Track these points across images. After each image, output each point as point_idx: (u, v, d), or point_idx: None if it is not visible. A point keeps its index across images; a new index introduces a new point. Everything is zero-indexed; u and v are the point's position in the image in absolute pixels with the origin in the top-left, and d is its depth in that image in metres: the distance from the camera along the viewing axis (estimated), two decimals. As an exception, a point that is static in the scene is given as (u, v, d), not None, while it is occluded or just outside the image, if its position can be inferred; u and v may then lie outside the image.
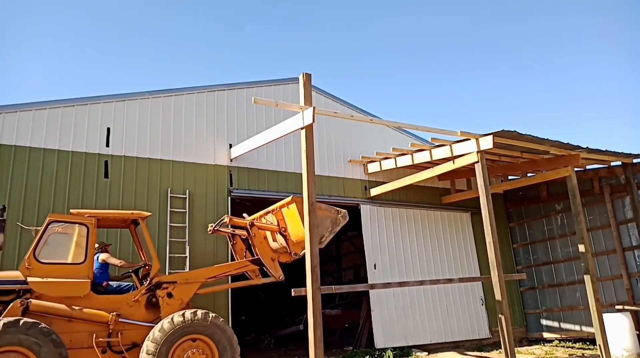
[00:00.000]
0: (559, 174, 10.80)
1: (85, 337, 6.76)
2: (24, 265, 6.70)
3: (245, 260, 8.60)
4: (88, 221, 7.14)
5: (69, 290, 6.79)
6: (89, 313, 6.82)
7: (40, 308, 6.50)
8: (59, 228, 7.03)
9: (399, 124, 9.38)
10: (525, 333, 14.02)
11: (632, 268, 11.93)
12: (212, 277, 8.13)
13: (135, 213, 7.84)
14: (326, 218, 8.32)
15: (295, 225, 8.11)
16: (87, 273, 7.00)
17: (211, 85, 11.09)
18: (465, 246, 13.67)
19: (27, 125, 8.96)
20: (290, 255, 8.49)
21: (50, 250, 6.96)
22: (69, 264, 6.96)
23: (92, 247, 7.13)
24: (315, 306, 6.97)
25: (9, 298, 6.53)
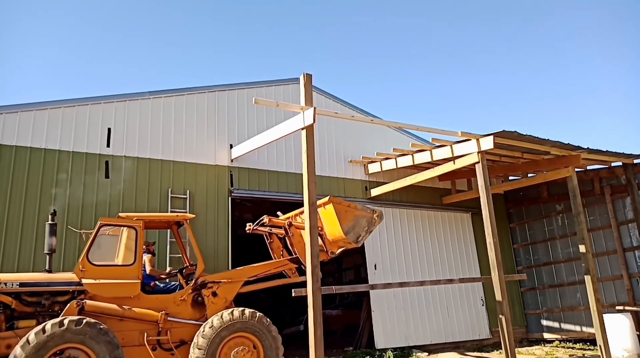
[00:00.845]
0: (560, 174, 10.80)
1: (136, 335, 7.02)
2: (78, 267, 6.99)
3: (285, 259, 8.75)
4: (136, 224, 7.42)
5: (121, 291, 7.08)
6: (140, 312, 7.09)
7: (94, 308, 6.78)
8: (109, 231, 7.35)
9: (400, 125, 9.38)
10: (526, 334, 14.02)
11: (633, 268, 11.93)
12: (253, 276, 8.34)
13: (180, 215, 8.10)
14: (362, 218, 8.50)
15: (332, 224, 8.26)
16: (137, 274, 7.28)
17: (212, 85, 11.09)
18: (466, 246, 13.68)
19: (28, 125, 8.97)
20: (326, 253, 8.64)
21: (101, 252, 7.29)
22: (119, 266, 7.26)
23: (140, 249, 7.39)
24: (315, 307, 6.98)
25: (65, 298, 6.83)
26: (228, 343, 7.07)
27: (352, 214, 8.36)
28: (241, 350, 7.11)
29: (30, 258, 8.42)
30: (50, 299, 6.79)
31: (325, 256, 8.73)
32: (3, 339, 6.30)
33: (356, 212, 8.40)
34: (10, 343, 6.25)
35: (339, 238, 8.26)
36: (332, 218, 8.23)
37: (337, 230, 8.21)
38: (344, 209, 8.29)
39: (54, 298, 6.81)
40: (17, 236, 8.40)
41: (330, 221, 8.30)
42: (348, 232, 8.22)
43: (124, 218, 7.53)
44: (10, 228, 8.39)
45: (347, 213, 8.31)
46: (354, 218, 8.33)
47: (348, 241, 8.33)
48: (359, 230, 8.40)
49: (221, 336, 7.00)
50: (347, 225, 8.23)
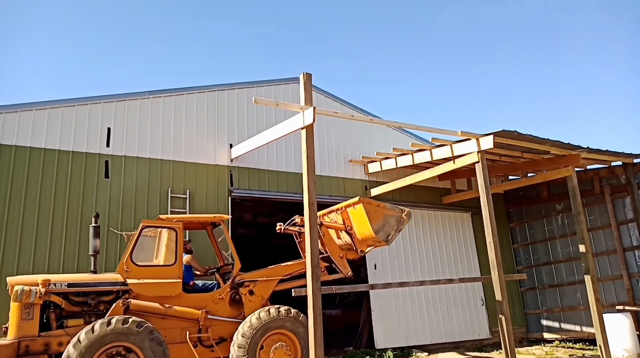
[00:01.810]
0: (560, 174, 10.80)
1: (177, 333, 7.26)
2: (122, 267, 7.21)
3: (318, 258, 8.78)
4: (176, 225, 7.64)
5: (164, 290, 7.32)
6: (182, 311, 7.33)
7: (139, 307, 7.02)
8: (150, 233, 7.62)
9: (400, 124, 9.37)
10: (526, 334, 14.01)
11: (633, 268, 11.93)
12: (288, 274, 8.58)
13: (217, 216, 8.28)
14: (391, 217, 8.63)
15: (362, 224, 8.41)
16: (178, 273, 7.50)
17: (211, 85, 11.08)
18: (466, 246, 13.67)
19: (28, 125, 8.96)
20: (356, 252, 8.82)
21: (143, 253, 7.58)
22: (161, 266, 7.50)
23: (181, 249, 7.60)
24: (315, 306, 6.98)
25: (109, 298, 7.10)
26: (267, 341, 7.33)
27: (381, 214, 8.51)
28: (279, 346, 7.38)
29: (30, 260, 8.43)
30: (96, 299, 7.05)
31: (355, 255, 8.94)
32: (55, 337, 6.55)
33: (385, 211, 8.56)
34: (62, 341, 6.52)
35: (369, 237, 8.44)
36: (362, 218, 8.39)
37: (367, 229, 8.36)
38: (373, 209, 8.43)
39: (100, 298, 7.07)
40: (17, 236, 8.40)
41: (360, 221, 8.45)
42: (378, 231, 8.37)
43: (164, 219, 7.77)
44: (10, 229, 8.39)
45: (377, 212, 8.46)
46: (384, 217, 8.49)
47: (378, 240, 8.50)
48: (388, 228, 8.56)
49: (260, 334, 7.25)
50: (377, 224, 8.38)
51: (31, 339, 6.38)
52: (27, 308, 6.46)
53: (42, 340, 6.45)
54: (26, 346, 6.31)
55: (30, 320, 6.43)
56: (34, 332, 6.44)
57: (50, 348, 6.46)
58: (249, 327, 7.26)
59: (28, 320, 6.42)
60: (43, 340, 6.46)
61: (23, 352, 6.27)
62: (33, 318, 6.46)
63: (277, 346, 7.37)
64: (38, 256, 8.47)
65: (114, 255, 9.01)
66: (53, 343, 6.49)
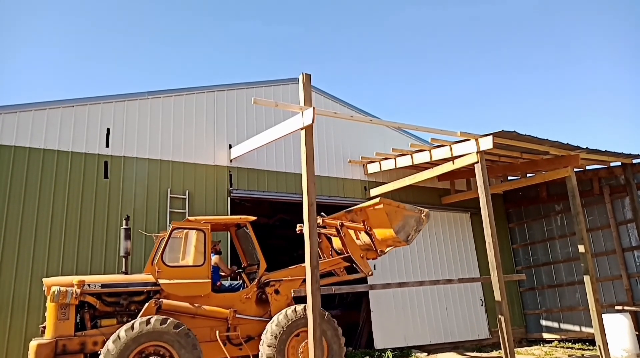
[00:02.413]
0: (559, 174, 10.80)
1: (206, 332, 7.37)
2: (154, 268, 7.34)
3: (339, 258, 8.99)
4: (204, 226, 7.76)
5: (194, 290, 7.45)
6: (211, 310, 7.47)
7: (170, 307, 7.16)
8: (179, 234, 7.80)
9: (399, 125, 9.37)
10: (525, 334, 14.02)
11: (632, 268, 11.94)
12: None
13: (243, 217, 8.37)
14: (411, 218, 8.75)
15: (382, 225, 8.55)
16: (207, 274, 7.64)
17: (211, 85, 11.09)
18: (465, 246, 13.68)
19: (27, 126, 8.96)
20: (376, 252, 8.96)
21: (173, 254, 7.77)
22: (191, 266, 7.61)
23: (209, 250, 7.75)
24: (314, 307, 6.97)
25: (140, 298, 7.25)
26: (294, 339, 7.44)
27: (401, 215, 8.62)
28: (307, 344, 7.36)
29: (30, 260, 8.42)
30: (128, 299, 7.19)
31: (375, 255, 9.07)
32: (90, 337, 6.72)
33: (405, 212, 8.66)
34: (97, 341, 6.69)
35: (389, 237, 8.57)
36: (382, 218, 8.49)
37: (387, 230, 8.49)
38: (393, 210, 8.53)
39: (131, 298, 7.21)
40: (16, 236, 8.39)
41: (380, 221, 8.56)
42: (398, 231, 8.48)
43: (193, 221, 7.92)
44: (10, 228, 8.38)
45: (397, 213, 8.57)
46: (403, 217, 8.60)
47: (398, 240, 8.60)
48: (408, 229, 8.68)
49: (288, 332, 7.37)
50: (397, 225, 8.49)
51: (67, 338, 6.57)
52: (63, 308, 6.64)
53: (77, 340, 6.63)
54: (63, 345, 6.50)
55: (66, 320, 6.62)
56: (70, 331, 6.62)
57: (85, 348, 6.64)
58: (277, 325, 7.40)
59: (64, 320, 6.61)
60: (79, 340, 6.64)
61: (60, 351, 6.46)
62: (69, 318, 6.64)
63: (305, 344, 7.44)
64: (37, 256, 8.46)
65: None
66: (88, 343, 6.67)
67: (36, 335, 7.78)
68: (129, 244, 7.77)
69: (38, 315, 8.18)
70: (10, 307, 8.08)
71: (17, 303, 8.15)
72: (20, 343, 7.99)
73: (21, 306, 8.16)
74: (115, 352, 6.20)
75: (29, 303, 8.23)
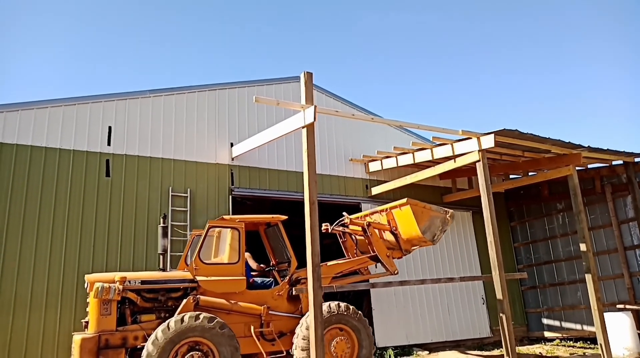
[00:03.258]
0: (561, 173, 10.78)
1: (241, 328, 7.58)
2: (192, 265, 7.58)
3: (365, 256, 9.17)
4: (239, 225, 8.00)
5: (230, 287, 7.70)
6: (246, 306, 7.71)
7: (207, 303, 7.38)
8: (212, 233, 8.01)
9: (401, 123, 9.36)
10: (527, 332, 14.02)
11: (634, 267, 11.92)
12: (339, 272, 8.93)
13: (275, 217, 8.57)
14: (437, 218, 8.93)
15: (408, 225, 8.72)
16: (242, 271, 7.86)
17: (213, 84, 11.09)
18: (467, 245, 13.67)
19: (29, 124, 8.97)
20: (401, 251, 9.16)
21: (208, 252, 7.99)
22: (226, 264, 7.83)
23: (243, 248, 7.96)
24: (316, 305, 6.98)
25: (177, 295, 7.46)
26: (326, 335, 7.61)
27: (427, 215, 8.79)
28: (340, 340, 7.72)
29: (32, 261, 8.44)
30: (166, 295, 7.40)
31: (400, 254, 9.26)
32: (130, 331, 6.94)
33: (431, 213, 8.83)
34: (137, 335, 6.92)
35: (415, 237, 8.75)
36: (408, 219, 8.64)
37: (413, 230, 8.65)
38: (420, 210, 8.70)
39: (169, 295, 7.42)
40: (18, 234, 8.41)
41: (407, 222, 8.71)
42: (425, 231, 8.66)
43: (228, 220, 8.10)
44: (12, 227, 8.40)
45: (423, 213, 8.75)
46: (430, 218, 8.77)
47: (424, 240, 8.79)
48: (434, 229, 8.86)
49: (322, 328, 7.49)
50: (423, 225, 8.68)
51: (110, 333, 6.78)
52: (106, 304, 6.85)
53: (119, 334, 6.85)
54: (106, 340, 6.71)
55: (108, 315, 6.84)
56: (112, 326, 6.84)
57: (127, 342, 6.85)
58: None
59: (106, 315, 6.83)
60: (120, 335, 6.85)
61: (103, 345, 6.67)
62: (111, 313, 6.86)
63: (338, 340, 7.70)
64: (38, 254, 8.48)
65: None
66: (129, 337, 6.88)
67: (36, 330, 7.83)
68: (166, 242, 8.05)
69: (39, 313, 8.24)
70: (12, 306, 8.09)
71: (18, 301, 8.17)
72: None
73: (23, 304, 8.18)
74: (156, 353, 6.37)
75: (31, 302, 8.25)
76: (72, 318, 8.42)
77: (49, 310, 8.31)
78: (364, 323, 8.05)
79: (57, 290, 8.46)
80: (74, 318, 8.42)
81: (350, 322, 7.92)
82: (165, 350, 6.43)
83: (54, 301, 8.39)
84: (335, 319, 7.75)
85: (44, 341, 8.15)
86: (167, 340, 6.47)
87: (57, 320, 8.32)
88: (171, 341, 6.49)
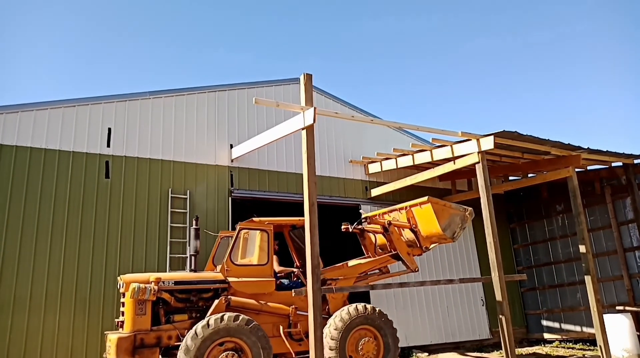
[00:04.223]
0: (560, 174, 10.78)
1: (269, 328, 7.74)
2: (223, 266, 7.75)
3: (387, 255, 9.27)
4: (268, 227, 8.17)
5: (260, 288, 7.89)
6: (275, 306, 7.91)
7: (238, 303, 7.54)
8: (246, 234, 8.12)
9: (400, 125, 9.38)
10: (526, 334, 14.00)
11: (633, 268, 11.92)
12: (363, 272, 9.11)
13: (301, 219, 8.42)
14: (456, 216, 9.05)
15: (429, 222, 8.81)
16: (270, 272, 8.06)
17: (212, 85, 11.09)
18: (466, 246, 13.66)
19: (29, 125, 8.96)
20: (420, 248, 9.24)
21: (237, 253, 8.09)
22: (256, 265, 8.00)
23: (272, 250, 8.12)
24: (315, 307, 6.98)
25: (208, 295, 7.63)
26: (354, 335, 7.85)
27: (447, 213, 8.89)
28: (367, 340, 7.91)
29: (31, 263, 8.43)
30: (197, 296, 7.56)
31: (419, 252, 9.37)
32: (164, 331, 7.12)
33: (451, 211, 8.95)
34: (171, 335, 7.11)
35: (435, 234, 8.86)
36: (429, 217, 8.76)
37: (434, 227, 8.76)
38: (440, 208, 8.81)
39: (200, 295, 7.58)
40: (18, 236, 8.40)
41: (427, 219, 8.81)
42: (445, 229, 8.76)
43: (257, 222, 8.22)
44: (11, 228, 8.40)
45: (444, 211, 8.85)
46: (449, 216, 8.88)
47: (444, 237, 8.88)
48: (454, 226, 8.98)
49: (349, 328, 7.78)
50: (444, 223, 8.77)
51: (145, 333, 6.94)
52: (141, 304, 7.01)
53: (154, 334, 7.01)
54: (141, 339, 6.87)
55: (143, 315, 7.01)
56: (147, 326, 7.00)
57: (161, 342, 7.01)
58: (340, 320, 7.79)
59: (141, 315, 7.00)
60: (155, 334, 7.01)
61: (139, 344, 6.83)
62: (146, 313, 7.03)
63: (365, 340, 7.89)
64: (38, 256, 8.47)
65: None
66: (164, 337, 7.05)
67: (35, 331, 7.81)
68: (198, 243, 8.22)
69: (38, 314, 8.22)
70: (11, 307, 8.09)
71: (18, 302, 8.16)
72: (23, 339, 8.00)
73: (23, 304, 8.17)
74: (194, 348, 6.49)
75: (30, 303, 8.24)
76: (71, 319, 8.42)
77: (48, 311, 8.30)
78: (389, 323, 8.23)
79: (56, 291, 8.45)
80: (72, 318, 8.43)
81: (378, 324, 8.10)
82: (203, 346, 6.54)
83: (53, 303, 8.38)
84: (361, 320, 7.93)
85: (43, 341, 8.14)
86: (205, 337, 6.59)
87: (56, 321, 8.31)
88: (209, 338, 6.62)
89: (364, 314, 7.99)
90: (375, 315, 8.11)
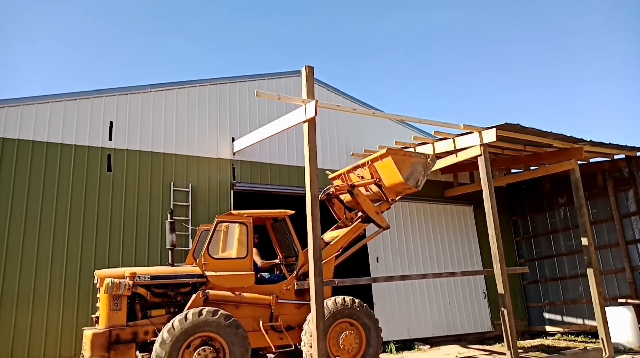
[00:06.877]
0: (562, 167, 10.76)
1: (249, 322, 7.60)
2: (200, 260, 7.61)
3: (358, 223, 9.14)
4: (247, 220, 8.01)
5: (239, 282, 7.74)
6: (254, 296, 7.75)
7: (216, 297, 7.41)
8: (223, 227, 8.01)
9: (402, 117, 9.34)
10: (528, 327, 14.03)
11: (635, 261, 11.92)
12: (339, 249, 8.85)
13: (282, 211, 8.58)
14: (418, 164, 9.05)
15: (390, 174, 8.82)
16: (250, 266, 7.91)
17: (214, 78, 11.06)
18: (468, 239, 13.67)
19: (30, 119, 8.96)
20: (387, 202, 9.22)
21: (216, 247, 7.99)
22: (235, 259, 7.85)
23: (251, 243, 7.99)
24: (318, 300, 6.99)
25: (186, 290, 7.49)
26: (335, 328, 7.72)
27: (408, 162, 8.89)
28: (348, 334, 7.78)
29: (34, 257, 8.46)
30: (175, 290, 7.42)
31: (387, 206, 9.29)
32: (141, 326, 6.98)
33: (412, 159, 8.95)
34: (147, 330, 6.96)
35: (399, 184, 8.84)
36: (390, 169, 8.77)
37: (397, 179, 8.77)
38: (400, 159, 8.79)
39: (178, 290, 7.44)
40: (20, 229, 8.43)
41: (389, 172, 8.82)
42: (408, 179, 8.78)
43: (236, 215, 8.11)
44: (14, 222, 8.42)
45: (404, 161, 8.84)
46: (411, 165, 8.87)
47: (407, 187, 8.90)
48: (417, 175, 8.99)
49: (330, 322, 7.58)
50: (405, 173, 8.76)
51: (120, 328, 6.81)
52: (116, 299, 6.88)
53: (130, 329, 6.88)
54: (117, 334, 6.75)
55: (118, 310, 6.87)
56: (123, 321, 6.87)
57: (137, 337, 6.89)
58: None
59: (117, 310, 6.86)
60: (131, 329, 6.88)
61: (114, 340, 6.70)
62: (121, 308, 6.89)
63: (346, 334, 7.75)
64: (41, 249, 8.50)
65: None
66: (140, 332, 6.92)
67: (39, 326, 7.84)
68: (174, 237, 8.04)
69: (42, 308, 8.28)
70: (15, 301, 8.13)
71: (21, 296, 8.21)
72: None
73: (27, 298, 8.21)
74: (170, 341, 6.41)
75: (34, 298, 8.28)
76: (74, 314, 8.46)
77: (51, 306, 8.35)
78: (371, 315, 8.10)
79: (59, 286, 8.49)
80: (76, 313, 8.47)
81: (360, 317, 7.97)
82: (179, 340, 6.48)
83: (57, 297, 8.42)
84: (345, 313, 7.80)
85: (47, 337, 8.19)
86: (182, 331, 6.52)
87: (59, 316, 8.36)
88: (186, 332, 6.55)
89: (344, 307, 7.84)
90: (356, 308, 7.99)
